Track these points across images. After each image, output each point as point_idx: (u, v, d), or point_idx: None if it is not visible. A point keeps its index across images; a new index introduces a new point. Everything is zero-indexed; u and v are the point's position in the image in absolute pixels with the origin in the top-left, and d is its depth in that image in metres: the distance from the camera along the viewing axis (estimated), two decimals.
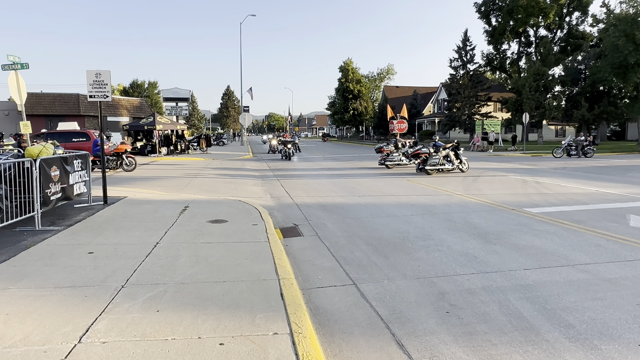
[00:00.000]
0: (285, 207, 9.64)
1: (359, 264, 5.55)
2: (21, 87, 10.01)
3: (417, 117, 59.03)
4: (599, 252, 5.96)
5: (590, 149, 26.31)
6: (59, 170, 7.66)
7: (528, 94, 39.36)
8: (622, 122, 52.99)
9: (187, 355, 3.05)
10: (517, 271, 5.20)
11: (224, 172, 17.86)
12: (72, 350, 3.10)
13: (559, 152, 26.88)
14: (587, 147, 26.37)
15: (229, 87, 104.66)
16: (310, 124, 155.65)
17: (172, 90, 54.15)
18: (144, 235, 6.44)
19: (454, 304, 4.26)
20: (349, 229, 7.50)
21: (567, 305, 4.20)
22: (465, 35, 44.10)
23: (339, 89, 67.09)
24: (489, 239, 6.69)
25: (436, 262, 5.57)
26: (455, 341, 3.53)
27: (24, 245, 5.82)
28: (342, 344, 3.51)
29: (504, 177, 15.51)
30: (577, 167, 19.52)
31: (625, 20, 34.47)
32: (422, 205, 9.80)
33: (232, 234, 6.59)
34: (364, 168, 20.00)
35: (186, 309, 3.83)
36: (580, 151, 26.20)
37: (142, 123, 28.80)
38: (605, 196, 10.88)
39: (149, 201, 9.49)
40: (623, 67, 35.24)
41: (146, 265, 5.04)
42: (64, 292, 4.21)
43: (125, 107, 42.82)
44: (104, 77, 8.90)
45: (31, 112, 35.07)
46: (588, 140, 26.83)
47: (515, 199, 10.50)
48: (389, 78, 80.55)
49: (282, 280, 4.61)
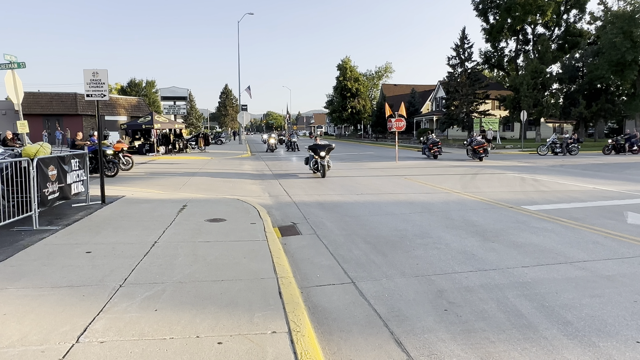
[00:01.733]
0: (284, 206, 9.63)
1: (358, 262, 5.55)
2: (18, 87, 9.98)
3: (415, 115, 59.04)
4: (596, 250, 5.97)
5: (574, 147, 26.48)
6: (56, 170, 7.64)
7: (526, 92, 39.40)
8: (620, 120, 53.04)
9: (186, 355, 3.05)
10: (515, 269, 5.21)
11: (222, 170, 17.83)
12: (69, 350, 3.09)
13: (544, 150, 27.07)
14: (572, 144, 26.59)
15: (227, 86, 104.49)
16: (309, 122, 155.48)
17: (170, 89, 53.99)
18: (142, 234, 6.43)
19: (452, 302, 4.26)
20: (348, 227, 7.50)
21: (565, 303, 4.21)
22: (463, 33, 44.12)
23: (337, 87, 67.09)
24: (487, 237, 6.70)
25: (434, 260, 5.58)
26: (453, 339, 3.54)
27: (21, 245, 5.80)
28: (341, 342, 3.51)
29: (502, 175, 15.53)
30: (574, 165, 19.56)
31: (622, 17, 34.53)
32: (420, 203, 9.80)
33: (230, 233, 6.58)
34: (365, 168, 20.01)
35: (184, 308, 3.82)
36: (565, 149, 26.39)
37: (140, 122, 28.76)
38: (603, 193, 10.91)
39: (147, 200, 9.47)
40: (620, 65, 35.33)
41: (144, 264, 5.03)
42: (61, 291, 4.20)
43: (123, 106, 42.71)
44: (101, 76, 8.87)
45: (28, 111, 34.95)
46: (572, 138, 26.97)
47: (513, 197, 10.51)
48: (387, 76, 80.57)
49: (280, 278, 4.60)
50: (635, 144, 26.35)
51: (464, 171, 16.98)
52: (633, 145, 26.39)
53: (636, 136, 26.85)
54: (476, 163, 21.18)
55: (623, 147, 26.59)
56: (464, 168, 18.47)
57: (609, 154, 26.58)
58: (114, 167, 15.41)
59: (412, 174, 16.06)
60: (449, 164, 21.13)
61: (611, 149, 26.83)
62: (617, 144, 26.85)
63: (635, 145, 26.33)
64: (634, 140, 26.50)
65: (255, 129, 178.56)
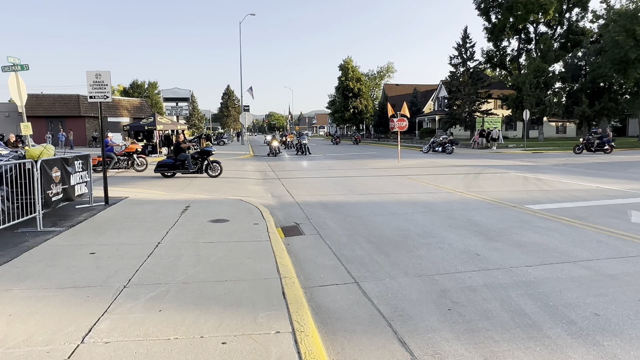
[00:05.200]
0: (287, 206, 9.64)
1: (361, 262, 5.55)
2: (21, 89, 10.02)
3: (417, 115, 58.97)
4: (600, 249, 5.95)
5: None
6: (60, 171, 7.67)
7: (528, 91, 39.30)
8: (623, 118, 52.94)
9: (190, 355, 3.06)
10: (519, 268, 5.20)
11: (224, 171, 17.85)
12: (75, 350, 3.11)
13: (578, 149, 27.13)
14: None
15: (229, 87, 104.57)
16: (311, 122, 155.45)
17: (172, 90, 54.10)
18: (145, 235, 6.45)
19: (456, 302, 4.26)
20: (350, 227, 7.50)
21: (569, 302, 4.20)
22: (465, 32, 44.00)
23: (339, 87, 66.98)
24: (490, 236, 6.69)
25: (438, 260, 5.57)
26: (457, 338, 3.53)
27: (26, 247, 5.83)
28: (345, 342, 3.51)
29: (505, 174, 15.50)
30: (578, 164, 19.50)
31: (625, 15, 34.37)
32: (423, 202, 9.79)
33: (233, 234, 6.60)
34: (367, 168, 20.00)
35: (188, 309, 3.83)
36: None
37: (142, 123, 28.81)
38: (607, 192, 10.87)
39: (150, 201, 9.50)
40: (623, 63, 35.17)
41: (148, 265, 5.05)
42: (66, 292, 4.22)
43: (125, 108, 42.85)
44: (104, 78, 8.90)
45: (32, 113, 35.13)
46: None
47: (517, 196, 10.49)
48: (389, 76, 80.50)
49: (283, 279, 4.61)
50: (606, 143, 26.54)
51: (466, 171, 16.95)
52: (604, 145, 26.55)
53: (608, 136, 27.08)
54: (478, 162, 21.17)
55: (593, 145, 26.77)
56: (466, 167, 18.44)
57: (580, 153, 26.72)
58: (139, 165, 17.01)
59: (415, 174, 16.05)
60: (441, 162, 21.11)
61: (582, 148, 27.00)
62: (588, 143, 27.04)
63: (607, 144, 26.51)
64: (605, 140, 26.70)
65: (257, 130, 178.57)
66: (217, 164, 15.42)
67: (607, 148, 26.33)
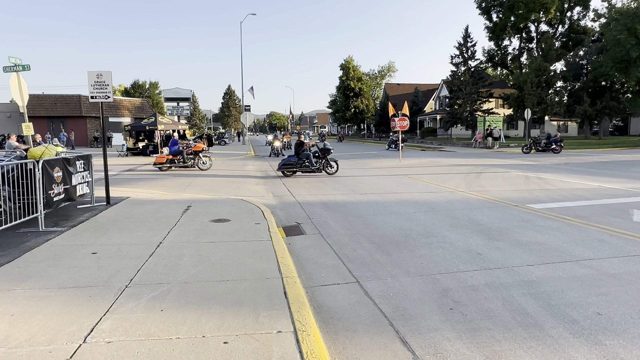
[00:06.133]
0: (288, 206, 9.64)
1: (362, 262, 5.55)
2: (23, 89, 10.04)
3: (418, 114, 58.94)
4: (602, 248, 5.94)
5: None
6: (61, 172, 7.69)
7: (530, 90, 39.22)
8: (625, 117, 52.78)
9: (192, 354, 3.06)
10: (521, 267, 5.19)
11: (226, 171, 17.87)
12: (77, 350, 3.11)
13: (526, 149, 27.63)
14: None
15: (230, 87, 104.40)
16: (312, 122, 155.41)
17: (173, 90, 54.15)
18: (147, 235, 6.46)
19: (458, 301, 4.26)
20: (352, 227, 7.50)
21: (571, 301, 4.19)
22: (466, 31, 43.95)
23: (340, 87, 66.99)
24: (491, 236, 6.68)
25: (439, 259, 5.57)
26: (459, 337, 3.53)
27: (27, 247, 5.84)
28: (346, 342, 3.51)
29: (506, 174, 15.48)
30: (579, 163, 19.47)
31: (627, 14, 34.26)
32: (424, 202, 9.79)
33: (235, 233, 6.60)
34: (369, 167, 19.99)
35: (190, 308, 3.83)
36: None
37: (143, 123, 28.84)
38: (608, 191, 10.85)
39: (152, 201, 9.51)
40: (625, 62, 35.07)
41: (149, 265, 5.06)
42: (68, 292, 4.22)
43: (126, 108, 42.92)
44: (105, 78, 8.91)
45: (33, 113, 35.19)
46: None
47: (518, 195, 10.48)
48: (390, 75, 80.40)
49: (285, 278, 4.61)
50: (553, 143, 26.95)
51: (468, 170, 16.94)
52: (552, 144, 26.96)
53: (556, 136, 27.53)
54: (479, 162, 21.14)
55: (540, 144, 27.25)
56: (468, 167, 18.42)
57: (528, 153, 27.15)
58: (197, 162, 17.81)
59: (416, 173, 16.04)
60: (442, 161, 21.09)
61: (530, 148, 27.49)
62: (536, 143, 27.57)
63: (554, 144, 26.91)
64: (552, 140, 27.14)
65: (258, 130, 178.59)
66: (335, 162, 15.65)
67: (555, 148, 26.84)
